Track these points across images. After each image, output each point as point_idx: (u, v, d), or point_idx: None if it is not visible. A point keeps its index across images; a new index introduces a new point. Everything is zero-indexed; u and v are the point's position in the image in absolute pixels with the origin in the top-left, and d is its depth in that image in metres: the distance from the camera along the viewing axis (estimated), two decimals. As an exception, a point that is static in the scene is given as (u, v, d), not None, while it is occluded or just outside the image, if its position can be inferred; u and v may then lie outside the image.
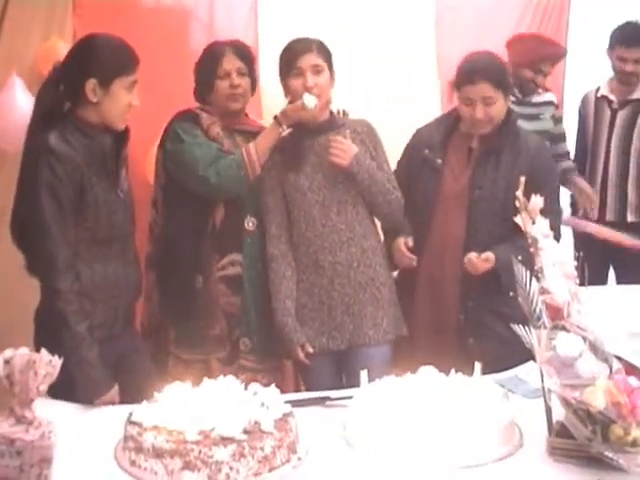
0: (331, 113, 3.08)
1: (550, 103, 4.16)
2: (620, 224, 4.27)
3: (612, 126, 4.26)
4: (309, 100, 2.90)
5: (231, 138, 3.09)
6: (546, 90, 4.17)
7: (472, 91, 3.00)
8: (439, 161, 3.12)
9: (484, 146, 3.10)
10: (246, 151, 2.96)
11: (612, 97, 4.27)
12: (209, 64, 3.08)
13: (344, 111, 3.09)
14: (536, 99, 4.11)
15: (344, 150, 2.95)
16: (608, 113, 4.29)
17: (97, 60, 2.50)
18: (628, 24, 4.15)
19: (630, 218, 4.29)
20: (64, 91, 2.54)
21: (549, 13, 4.42)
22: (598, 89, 4.35)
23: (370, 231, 3.06)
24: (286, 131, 3.00)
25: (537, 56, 3.97)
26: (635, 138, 4.21)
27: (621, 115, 4.26)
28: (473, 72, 3.01)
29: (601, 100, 4.32)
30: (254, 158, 2.95)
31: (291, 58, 2.96)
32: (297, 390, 3.22)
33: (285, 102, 3.03)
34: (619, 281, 4.26)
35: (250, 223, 3.07)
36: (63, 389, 2.02)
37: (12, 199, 2.55)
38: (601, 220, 4.31)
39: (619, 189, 4.27)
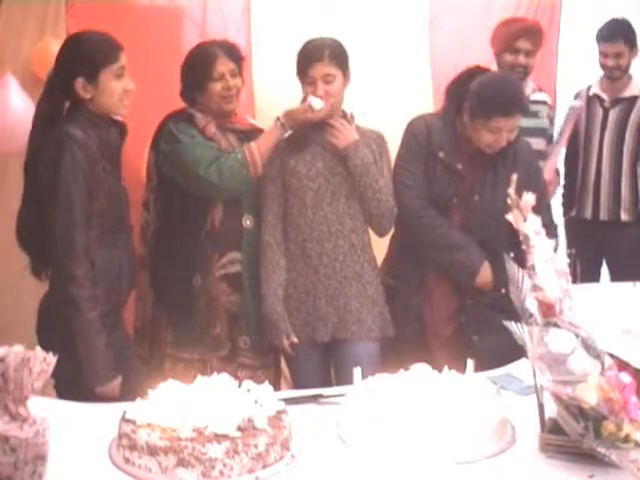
0: (344, 112, 3.08)
1: (544, 102, 4.16)
2: (614, 223, 4.29)
3: (604, 125, 4.27)
4: (316, 102, 2.92)
5: (225, 137, 3.08)
6: (539, 90, 4.17)
7: (504, 123, 2.95)
8: (460, 167, 3.09)
9: (479, 157, 3.09)
10: (248, 150, 2.96)
11: (604, 96, 4.28)
12: (202, 66, 3.04)
13: (351, 114, 3.10)
14: (531, 97, 4.11)
15: (343, 133, 2.98)
16: (600, 112, 4.29)
17: (79, 58, 2.54)
18: (611, 20, 4.17)
19: (624, 217, 4.29)
20: (60, 95, 2.58)
21: (540, 13, 4.43)
22: (589, 88, 4.36)
23: (361, 227, 3.06)
24: (288, 133, 3.01)
25: (507, 35, 3.89)
26: (628, 137, 4.22)
27: (613, 114, 4.27)
28: (510, 105, 2.95)
29: (593, 99, 4.32)
30: (257, 157, 2.96)
31: (304, 65, 2.97)
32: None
33: (279, 101, 3.04)
34: (613, 278, 4.27)
35: (248, 221, 3.07)
36: (67, 377, 2.03)
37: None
38: (595, 219, 4.32)
39: (612, 188, 4.27)
